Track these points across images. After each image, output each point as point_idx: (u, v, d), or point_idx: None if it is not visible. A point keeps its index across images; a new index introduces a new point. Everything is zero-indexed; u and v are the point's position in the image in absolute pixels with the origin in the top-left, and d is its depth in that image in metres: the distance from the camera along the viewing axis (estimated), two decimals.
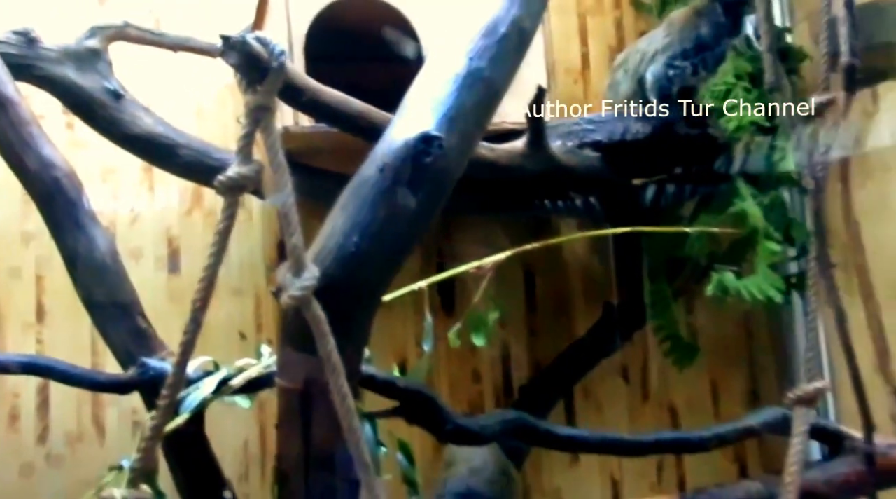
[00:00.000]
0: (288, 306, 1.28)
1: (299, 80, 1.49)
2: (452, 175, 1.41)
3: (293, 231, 1.28)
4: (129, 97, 2.00)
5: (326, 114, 1.60)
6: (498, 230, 2.50)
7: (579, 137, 2.12)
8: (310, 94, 1.52)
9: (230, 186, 1.29)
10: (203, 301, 1.29)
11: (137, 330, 1.75)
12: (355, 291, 1.38)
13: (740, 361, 2.73)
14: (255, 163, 1.30)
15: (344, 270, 1.35)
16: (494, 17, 1.49)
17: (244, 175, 1.29)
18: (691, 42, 2.14)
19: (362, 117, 1.62)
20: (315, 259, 1.33)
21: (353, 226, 1.35)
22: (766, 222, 2.11)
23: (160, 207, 2.40)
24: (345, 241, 1.35)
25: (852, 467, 1.85)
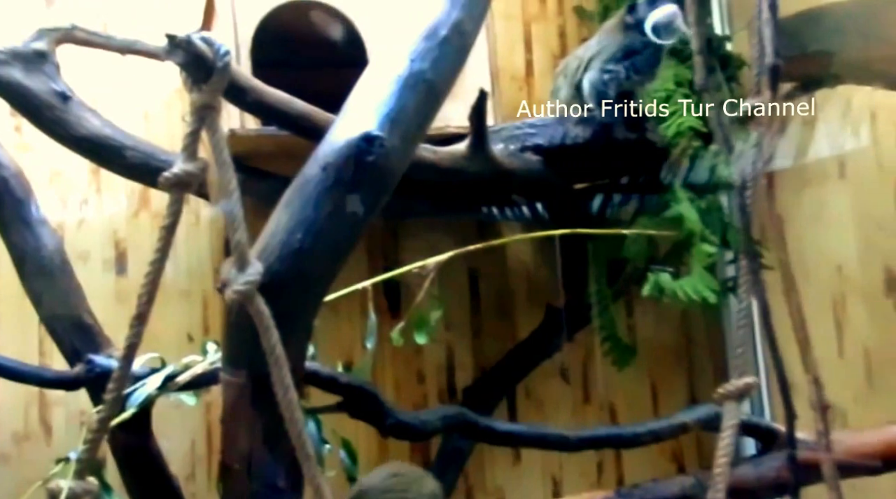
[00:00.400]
0: (232, 301, 1.32)
1: (244, 80, 1.52)
2: (394, 174, 1.46)
3: (237, 227, 1.32)
4: (77, 99, 2.01)
5: (270, 114, 1.64)
6: (442, 233, 2.55)
7: (521, 140, 2.17)
8: (254, 95, 1.55)
9: (175, 182, 1.32)
10: (149, 297, 1.31)
11: (84, 328, 1.76)
12: (299, 287, 1.41)
13: (679, 362, 2.80)
14: (199, 160, 1.33)
15: (287, 266, 1.38)
16: (436, 20, 1.54)
17: (189, 172, 1.32)
18: (620, 47, 2.20)
19: (305, 118, 1.65)
20: (259, 256, 1.37)
21: (297, 223, 1.39)
22: (702, 226, 2.18)
23: (107, 210, 2.40)
24: (288, 238, 1.38)
25: (783, 463, 1.92)
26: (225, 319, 1.43)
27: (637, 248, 2.22)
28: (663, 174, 2.33)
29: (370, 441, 2.40)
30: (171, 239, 1.33)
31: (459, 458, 2.39)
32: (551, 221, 2.43)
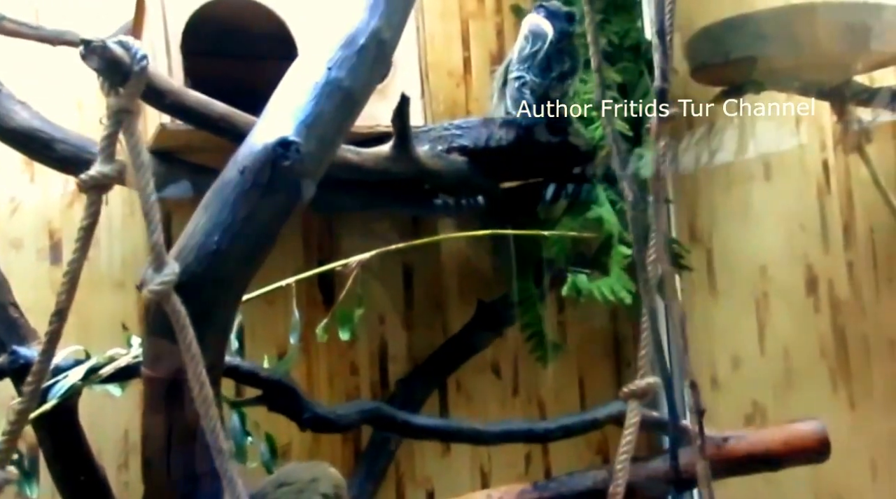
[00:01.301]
0: (149, 300, 1.38)
1: (162, 83, 1.57)
2: (310, 178, 1.52)
3: (154, 228, 1.37)
4: (6, 91, 2.03)
5: (190, 116, 1.69)
6: (378, 228, 2.61)
7: (448, 141, 2.24)
8: (173, 97, 1.61)
9: (92, 184, 1.37)
10: (67, 295, 1.37)
11: (9, 319, 1.80)
12: (216, 287, 1.47)
13: (607, 357, 2.90)
14: (117, 163, 1.38)
15: (204, 266, 1.44)
16: (354, 28, 1.60)
17: (106, 174, 1.38)
18: (519, 52, 2.29)
19: (225, 120, 1.71)
20: (177, 256, 1.43)
21: (215, 225, 1.45)
22: (620, 228, 2.27)
23: (41, 199, 2.41)
24: (206, 239, 1.44)
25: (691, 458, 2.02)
26: (143, 317, 1.48)
27: (558, 248, 2.31)
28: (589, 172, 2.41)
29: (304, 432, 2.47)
30: (89, 239, 1.38)
31: (388, 448, 2.46)
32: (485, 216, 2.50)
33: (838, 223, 2.90)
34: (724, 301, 2.96)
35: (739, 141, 2.91)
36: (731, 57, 2.54)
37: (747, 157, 2.92)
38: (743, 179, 2.92)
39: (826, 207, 2.89)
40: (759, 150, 2.88)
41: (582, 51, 2.31)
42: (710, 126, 2.89)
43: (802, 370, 2.84)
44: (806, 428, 2.17)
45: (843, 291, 2.88)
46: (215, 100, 1.71)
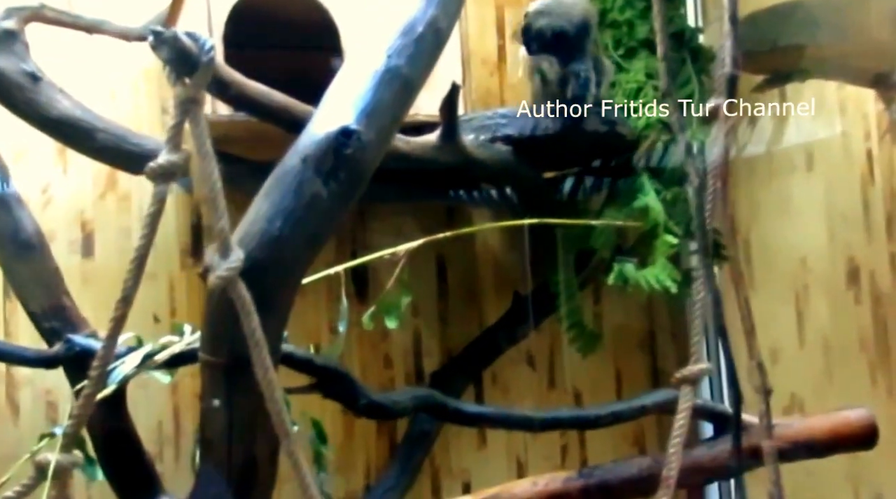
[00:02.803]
0: (215, 286, 1.46)
1: (226, 74, 1.66)
2: (370, 166, 1.60)
3: (220, 216, 1.46)
4: (47, 80, 2.10)
5: (251, 107, 1.77)
6: (411, 219, 2.69)
7: (492, 130, 2.30)
8: (236, 88, 1.69)
9: (160, 173, 1.46)
10: (134, 280, 1.45)
11: (63, 309, 1.89)
12: (277, 273, 1.56)
13: (643, 348, 2.98)
14: (183, 151, 1.47)
15: (267, 252, 1.52)
16: (412, 17, 1.68)
17: (173, 162, 1.46)
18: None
19: (285, 110, 1.79)
20: (240, 243, 1.51)
21: (277, 212, 1.53)
22: (667, 217, 2.34)
23: (73, 191, 2.50)
24: (268, 225, 1.52)
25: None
26: (206, 302, 1.56)
27: (604, 238, 2.38)
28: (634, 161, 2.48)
29: (336, 423, 2.55)
30: (156, 225, 1.46)
31: (426, 441, 2.54)
32: (521, 207, 2.57)
33: (881, 214, 2.89)
34: (762, 293, 3.00)
35: (781, 130, 2.94)
36: (779, 44, 2.57)
37: (789, 146, 2.94)
38: (784, 170, 2.96)
39: (869, 197, 2.89)
40: (801, 139, 2.91)
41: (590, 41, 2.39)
42: (751, 115, 2.94)
43: (842, 363, 2.85)
44: (853, 415, 2.24)
45: (885, 282, 2.89)
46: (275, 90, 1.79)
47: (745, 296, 1.58)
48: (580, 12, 2.37)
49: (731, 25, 1.59)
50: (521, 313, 2.65)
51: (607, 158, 2.52)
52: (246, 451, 1.59)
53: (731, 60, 1.59)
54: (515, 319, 2.67)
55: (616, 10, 2.71)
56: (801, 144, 2.91)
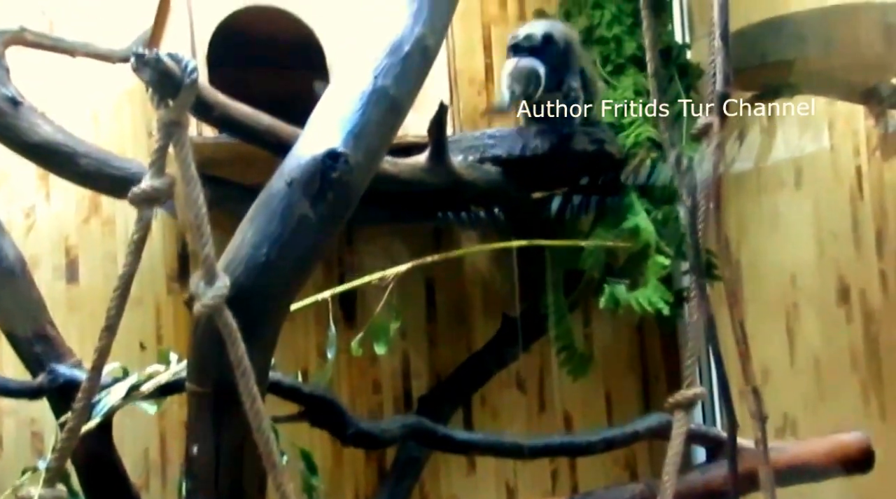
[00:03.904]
0: (201, 314, 1.43)
1: (210, 95, 1.62)
2: (357, 189, 1.57)
3: (205, 242, 1.42)
4: (28, 104, 2.07)
5: (236, 129, 1.73)
6: (399, 241, 2.66)
7: (480, 151, 2.28)
8: (220, 110, 1.65)
9: (144, 198, 1.42)
10: (118, 309, 1.41)
11: (47, 338, 1.85)
12: (264, 300, 1.52)
13: (634, 370, 2.95)
14: (167, 176, 1.44)
15: (253, 279, 1.49)
16: (399, 36, 1.65)
17: (157, 188, 1.43)
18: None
19: (271, 132, 1.76)
20: (226, 269, 1.47)
21: (263, 237, 1.50)
22: (658, 237, 2.32)
23: (57, 215, 2.46)
24: (254, 251, 1.49)
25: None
26: (192, 331, 1.53)
27: (594, 259, 2.36)
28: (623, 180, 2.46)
29: (324, 449, 2.51)
30: (140, 252, 1.43)
31: (415, 467, 2.51)
32: (509, 228, 2.54)
33: (871, 231, 2.88)
34: (752, 311, 2.97)
35: (769, 146, 2.92)
36: (767, 60, 2.55)
37: (777, 162, 2.92)
38: (773, 185, 2.94)
39: (858, 214, 2.87)
40: (789, 155, 2.89)
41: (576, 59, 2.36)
42: (739, 131, 2.93)
43: (834, 382, 2.82)
44: (848, 439, 2.21)
45: (875, 301, 2.87)
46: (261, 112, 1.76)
47: (740, 320, 1.56)
48: (563, 29, 2.38)
49: (723, 42, 1.57)
50: (510, 336, 2.63)
51: (596, 177, 2.50)
52: (233, 482, 1.55)
53: (722, 78, 1.57)
54: (505, 342, 2.64)
55: (604, 27, 2.70)
56: (790, 160, 2.90)
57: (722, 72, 1.57)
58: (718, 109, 1.56)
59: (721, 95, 1.56)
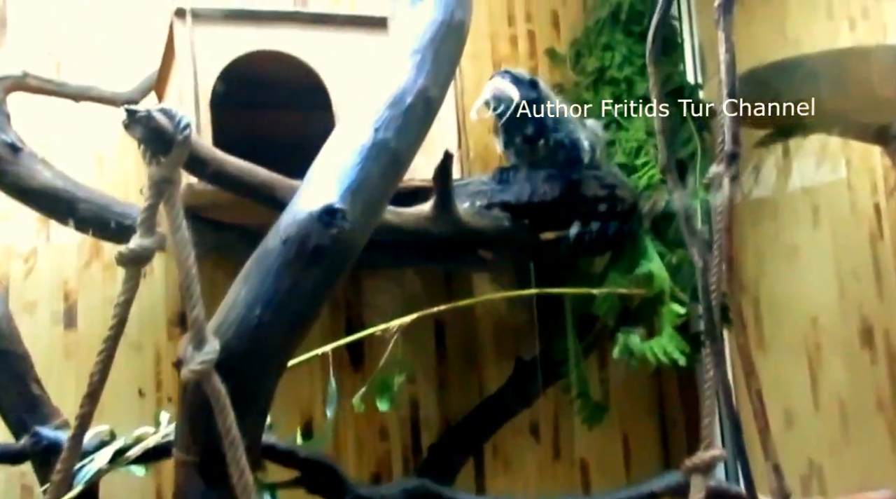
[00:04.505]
0: (188, 380, 1.36)
1: (204, 151, 1.56)
2: (356, 246, 1.50)
3: (195, 303, 1.36)
4: (28, 150, 2.03)
5: (232, 185, 1.67)
6: (408, 282, 2.59)
7: (487, 196, 2.22)
8: (215, 166, 1.59)
9: (132, 258, 1.36)
10: (101, 374, 1.35)
11: (31, 397, 1.78)
12: (257, 363, 1.45)
13: (651, 416, 2.87)
14: (157, 235, 1.38)
15: (245, 342, 1.42)
16: (401, 87, 1.59)
17: (146, 247, 1.37)
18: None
19: (267, 187, 1.69)
20: (216, 331, 1.41)
21: (256, 298, 1.43)
22: (672, 283, 2.24)
23: (57, 259, 2.41)
24: (247, 312, 1.42)
25: None
26: (180, 396, 1.46)
27: (607, 306, 2.29)
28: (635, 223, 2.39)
29: None
30: (125, 315, 1.36)
31: None
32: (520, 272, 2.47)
33: (892, 270, 2.80)
34: (773, 354, 2.92)
35: (786, 185, 2.87)
36: (781, 100, 2.51)
37: (794, 202, 2.87)
38: (790, 221, 2.88)
39: (879, 252, 2.77)
40: (806, 194, 2.84)
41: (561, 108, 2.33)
42: (754, 170, 2.87)
43: (859, 426, 2.74)
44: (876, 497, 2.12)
45: None
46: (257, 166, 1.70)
47: (757, 390, 1.48)
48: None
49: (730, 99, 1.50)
50: (524, 380, 2.55)
51: (607, 221, 2.42)
52: None
53: (730, 137, 1.50)
54: (518, 387, 2.57)
55: (614, 68, 2.66)
56: (807, 197, 2.83)
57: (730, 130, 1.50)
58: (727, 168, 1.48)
59: (730, 155, 1.48)
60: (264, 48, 2.15)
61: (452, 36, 1.70)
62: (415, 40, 1.66)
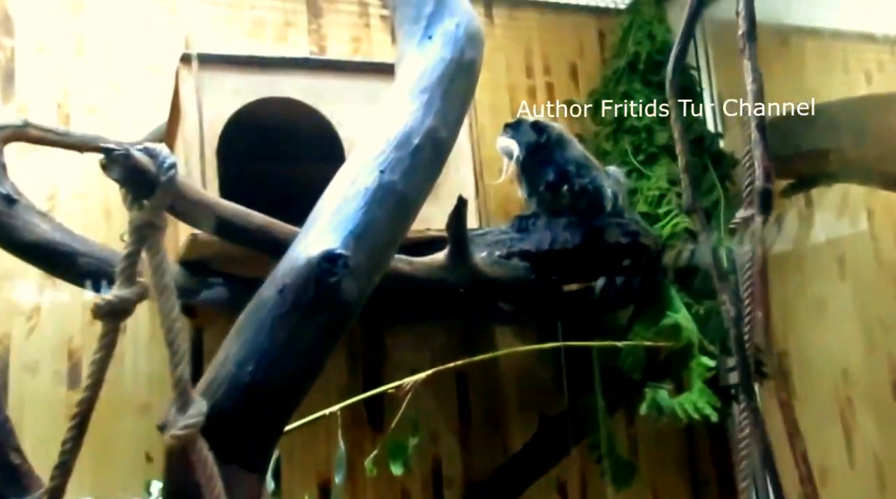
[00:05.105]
0: (171, 446, 1.17)
1: (193, 193, 1.38)
2: (361, 295, 1.32)
3: (179, 361, 1.18)
4: (24, 202, 1.88)
5: (224, 229, 1.48)
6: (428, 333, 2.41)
7: (506, 245, 2.05)
8: (205, 209, 1.40)
9: (109, 311, 1.19)
10: (74, 443, 1.18)
11: (9, 467, 1.59)
12: (251, 425, 1.26)
13: (682, 472, 2.67)
14: (137, 285, 1.20)
15: (237, 402, 1.24)
16: (408, 127, 1.42)
17: (125, 299, 1.20)
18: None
19: (264, 232, 1.51)
20: (205, 391, 1.23)
21: (249, 354, 1.25)
22: (700, 335, 2.05)
23: (60, 316, 2.23)
24: (238, 370, 1.24)
25: None
26: (165, 463, 1.27)
27: (633, 359, 2.09)
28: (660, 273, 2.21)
29: None
30: (102, 376, 1.19)
31: None
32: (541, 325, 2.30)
33: None
34: (805, 408, 2.75)
35: (809, 237, 2.75)
36: (802, 149, 2.41)
37: (819, 253, 2.76)
38: (815, 274, 2.77)
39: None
40: (831, 246, 2.75)
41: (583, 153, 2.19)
42: (777, 222, 2.73)
43: None
44: None
45: None
46: (253, 210, 1.51)
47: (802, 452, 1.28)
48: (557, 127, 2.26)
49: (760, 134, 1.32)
50: (549, 438, 2.37)
51: (630, 270, 2.23)
52: None
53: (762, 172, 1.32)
54: (543, 445, 2.38)
55: (634, 117, 2.51)
56: (832, 248, 2.75)
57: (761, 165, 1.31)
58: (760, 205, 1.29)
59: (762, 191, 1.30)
60: (274, 95, 1.98)
61: (463, 75, 1.54)
62: (423, 79, 1.50)
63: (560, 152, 2.12)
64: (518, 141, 2.14)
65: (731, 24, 2.65)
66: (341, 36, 2.61)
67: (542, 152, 2.13)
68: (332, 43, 2.59)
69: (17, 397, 2.03)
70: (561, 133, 2.17)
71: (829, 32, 2.88)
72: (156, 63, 2.39)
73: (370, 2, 2.65)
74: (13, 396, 2.10)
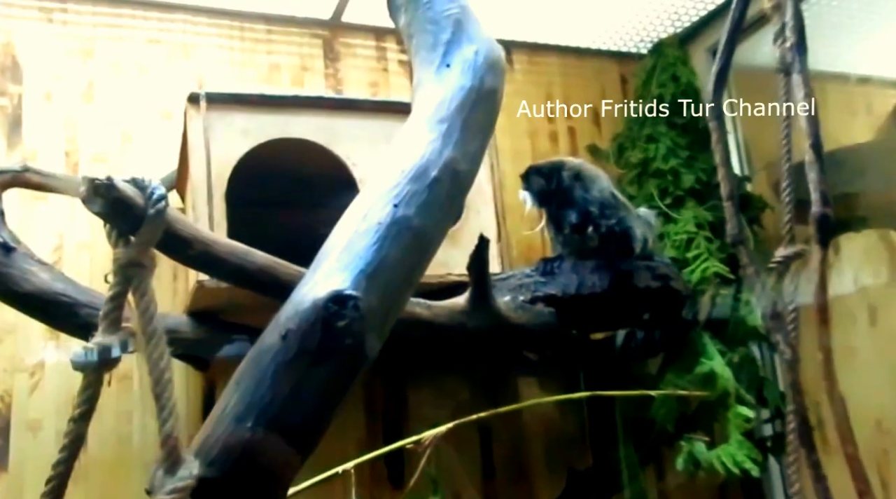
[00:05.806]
0: None
1: (186, 229, 1.21)
2: (373, 340, 1.14)
3: (167, 416, 1.01)
4: (22, 250, 1.73)
5: (220, 270, 1.30)
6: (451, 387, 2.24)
7: (531, 290, 1.89)
8: (199, 247, 1.22)
9: (87, 362, 1.01)
10: None
11: None
12: (250, 487, 1.08)
13: None
14: (122, 332, 1.03)
15: (235, 461, 1.05)
16: (425, 158, 1.26)
17: (107, 347, 1.03)
18: None
19: (266, 273, 1.33)
20: (199, 450, 1.05)
21: (248, 407, 1.07)
22: (736, 384, 1.86)
23: (65, 371, 2.04)
24: (236, 426, 1.06)
25: None
26: None
27: (666, 410, 1.91)
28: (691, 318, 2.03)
29: None
30: (82, 432, 1.02)
31: None
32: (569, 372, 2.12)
33: None
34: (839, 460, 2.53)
35: (840, 282, 2.57)
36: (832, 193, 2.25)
37: (849, 299, 2.59)
38: (845, 323, 2.59)
39: None
40: (861, 293, 2.57)
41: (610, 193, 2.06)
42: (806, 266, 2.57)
43: None
44: None
45: None
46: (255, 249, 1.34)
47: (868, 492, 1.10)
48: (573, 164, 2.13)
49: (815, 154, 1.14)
50: (577, 494, 2.19)
51: (660, 316, 2.05)
52: None
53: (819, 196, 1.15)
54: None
55: (659, 160, 2.39)
56: (862, 298, 2.57)
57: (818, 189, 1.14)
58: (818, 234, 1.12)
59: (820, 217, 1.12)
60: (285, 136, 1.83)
61: (483, 104, 1.38)
62: (441, 109, 1.34)
63: (581, 192, 1.96)
64: (529, 190, 2.03)
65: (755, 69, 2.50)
66: (359, 80, 2.48)
67: (558, 195, 1.99)
68: (349, 87, 2.46)
69: (19, 456, 1.86)
70: (579, 172, 2.01)
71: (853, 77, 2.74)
72: (168, 109, 2.26)
73: (388, 46, 2.53)
74: (14, 455, 1.93)
